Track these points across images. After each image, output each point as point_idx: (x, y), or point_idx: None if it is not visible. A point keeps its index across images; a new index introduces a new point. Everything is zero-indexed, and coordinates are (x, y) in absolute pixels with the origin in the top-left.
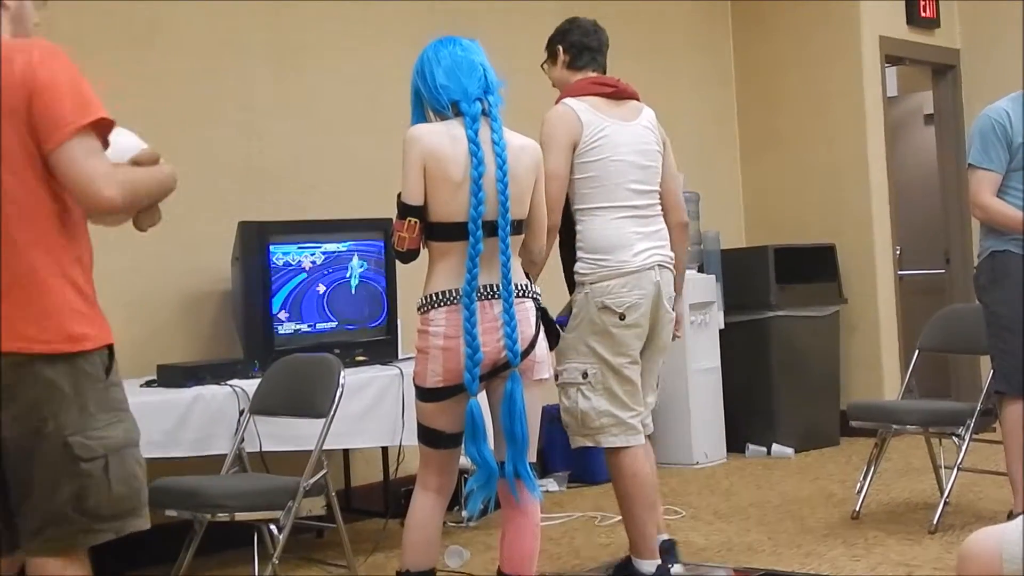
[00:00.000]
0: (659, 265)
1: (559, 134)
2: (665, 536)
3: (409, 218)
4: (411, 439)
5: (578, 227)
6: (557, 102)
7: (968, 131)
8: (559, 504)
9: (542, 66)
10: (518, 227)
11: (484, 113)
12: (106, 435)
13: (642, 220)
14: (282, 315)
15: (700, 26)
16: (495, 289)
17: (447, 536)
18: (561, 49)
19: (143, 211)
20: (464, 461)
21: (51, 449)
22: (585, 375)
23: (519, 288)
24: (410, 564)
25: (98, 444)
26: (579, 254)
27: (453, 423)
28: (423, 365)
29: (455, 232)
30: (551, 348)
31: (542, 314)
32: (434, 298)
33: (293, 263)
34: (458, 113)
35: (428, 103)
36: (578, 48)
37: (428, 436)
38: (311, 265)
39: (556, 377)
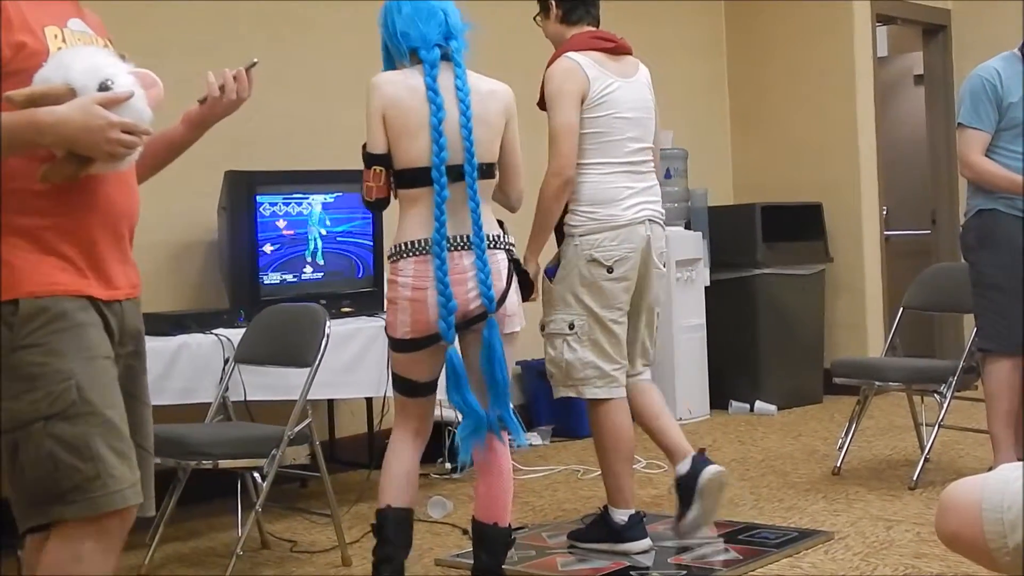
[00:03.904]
0: (649, 220)
1: (569, 88)
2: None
3: (374, 167)
4: None
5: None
6: (556, 56)
7: (958, 92)
8: (543, 457)
9: (535, 19)
10: (488, 171)
11: (447, 58)
12: (11, 407)
13: (635, 176)
14: (268, 265)
15: None
16: (465, 240)
17: (431, 488)
18: (554, 3)
19: (53, 161)
20: (448, 414)
21: None
22: (572, 326)
23: (490, 239)
24: (390, 500)
25: (5, 419)
26: (570, 206)
27: (426, 372)
28: (393, 315)
29: (420, 178)
30: (524, 299)
31: (515, 266)
32: (403, 247)
33: (280, 213)
34: (418, 61)
35: (392, 52)
36: (571, 1)
37: (402, 385)
38: (298, 215)
39: (542, 328)
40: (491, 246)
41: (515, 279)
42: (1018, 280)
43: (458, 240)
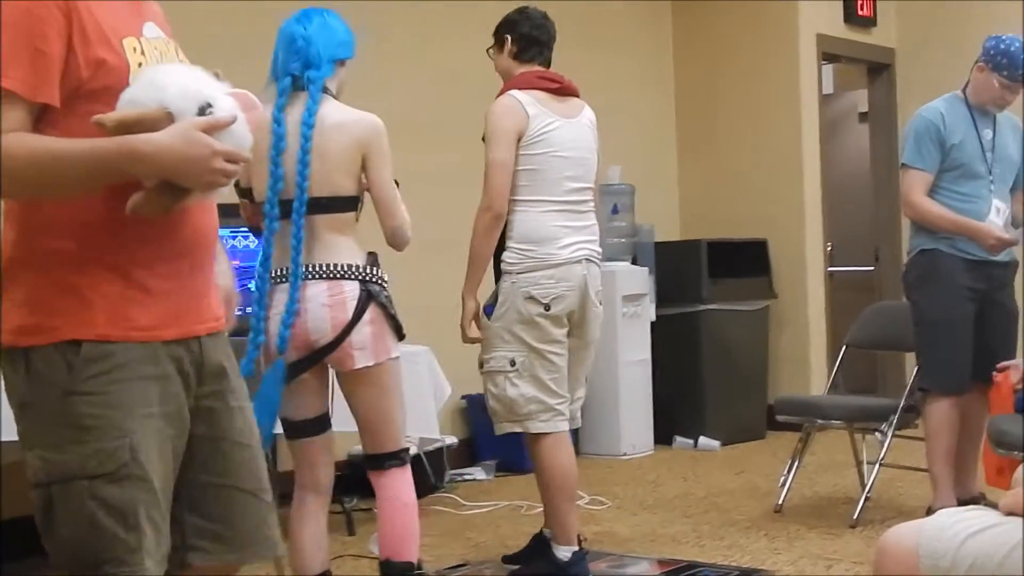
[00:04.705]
0: (587, 259)
1: (506, 125)
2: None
3: (241, 199)
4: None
5: (509, 217)
6: (501, 93)
7: (902, 130)
8: (486, 493)
9: (488, 51)
10: (331, 205)
11: (302, 88)
12: (52, 458)
13: (573, 215)
14: None
15: (640, 21)
16: (315, 269)
17: (370, 523)
18: (509, 39)
19: (146, 191)
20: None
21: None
22: (513, 363)
23: (340, 269)
24: (299, 569)
25: (42, 467)
26: (508, 243)
27: (298, 410)
28: None
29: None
30: (399, 339)
31: (377, 300)
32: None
33: (228, 247)
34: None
35: None
36: (527, 40)
37: (284, 428)
38: (244, 248)
39: (481, 365)
40: (340, 276)
41: (377, 313)
42: (958, 320)
43: (308, 270)
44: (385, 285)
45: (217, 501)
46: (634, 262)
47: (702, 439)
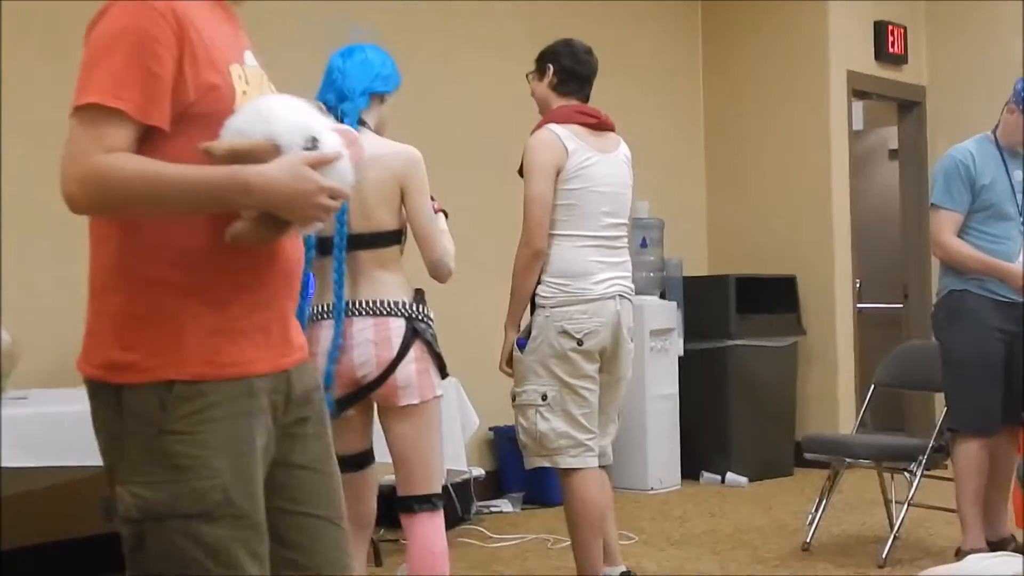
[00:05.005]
0: (620, 295)
1: (545, 159)
2: (623, 568)
3: None
4: None
5: (547, 251)
6: (539, 126)
7: (932, 168)
8: (513, 525)
9: (527, 76)
10: (374, 240)
11: (339, 120)
12: (145, 495)
13: (608, 250)
14: None
15: (670, 56)
16: (358, 307)
17: (398, 553)
18: (552, 69)
19: (248, 222)
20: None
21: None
22: (544, 397)
23: (386, 306)
24: None
25: (134, 504)
26: (543, 277)
27: (343, 445)
28: None
29: (317, 246)
30: (442, 376)
31: (422, 338)
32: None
33: None
34: None
35: None
36: (567, 74)
37: None
38: None
39: (513, 398)
40: (383, 313)
41: (421, 351)
42: (987, 361)
43: (354, 306)
44: (431, 323)
45: (293, 528)
46: (662, 296)
47: (730, 475)
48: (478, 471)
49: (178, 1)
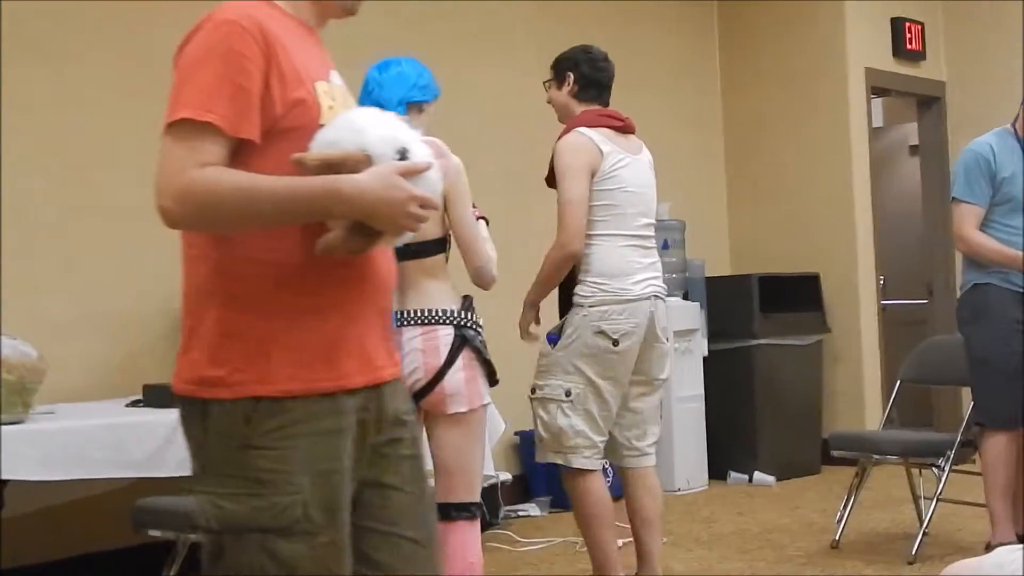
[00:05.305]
0: (655, 296)
1: (580, 162)
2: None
3: None
4: None
5: (585, 251)
6: (566, 131)
7: (953, 163)
8: (540, 529)
9: (544, 84)
10: (423, 249)
11: None
12: (226, 506)
13: (642, 250)
14: None
15: (689, 57)
16: (406, 316)
17: None
18: (572, 77)
19: (339, 232)
20: None
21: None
22: (568, 393)
23: (434, 315)
24: None
25: (215, 515)
26: (581, 276)
27: None
28: None
29: None
30: (491, 384)
31: (471, 345)
32: None
33: None
34: None
35: None
36: (587, 80)
37: None
38: None
39: (533, 391)
40: (432, 322)
41: (470, 359)
42: (1013, 355)
43: (403, 316)
44: (480, 330)
45: (383, 549)
46: (685, 297)
47: (757, 474)
48: (505, 475)
49: (265, 22)
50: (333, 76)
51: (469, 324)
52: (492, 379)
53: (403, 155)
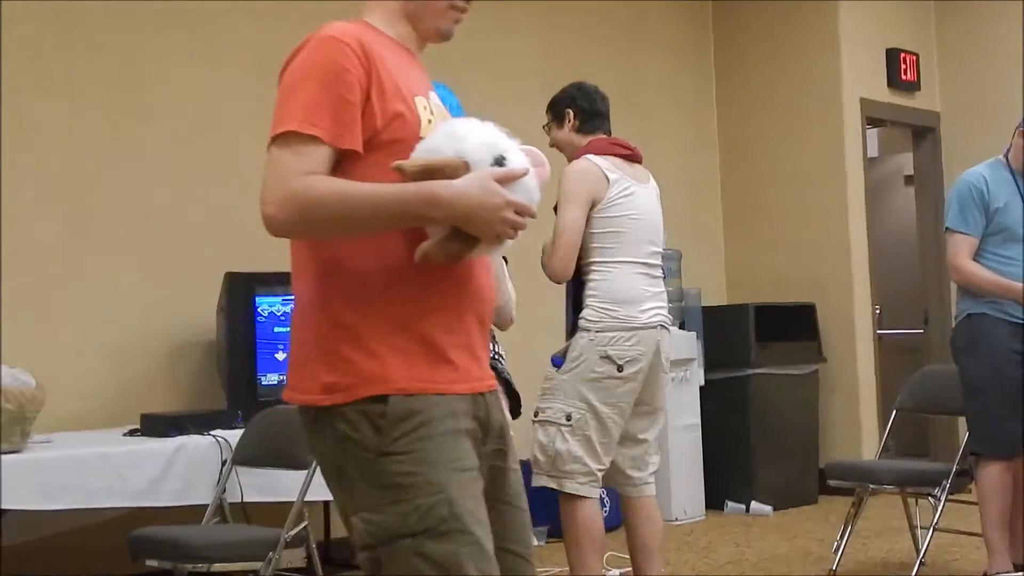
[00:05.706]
0: (661, 325)
1: (581, 189)
2: None
3: None
4: None
5: (593, 276)
6: (574, 159)
7: (947, 193)
8: (538, 559)
9: (544, 127)
10: None
11: None
12: (374, 519)
13: (651, 279)
14: (266, 366)
15: (685, 87)
16: None
17: None
18: (572, 113)
19: (442, 236)
20: None
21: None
22: (569, 417)
23: None
24: None
25: (366, 530)
26: (589, 301)
27: None
28: None
29: None
30: (513, 416)
31: (498, 376)
32: None
33: (278, 314)
34: None
35: None
36: (588, 113)
37: None
38: None
39: (536, 414)
40: None
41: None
42: (1007, 384)
43: None
44: (503, 359)
45: None
46: (682, 327)
47: (754, 504)
48: None
49: (366, 39)
50: (432, 95)
51: (492, 354)
52: (516, 411)
53: (500, 162)
